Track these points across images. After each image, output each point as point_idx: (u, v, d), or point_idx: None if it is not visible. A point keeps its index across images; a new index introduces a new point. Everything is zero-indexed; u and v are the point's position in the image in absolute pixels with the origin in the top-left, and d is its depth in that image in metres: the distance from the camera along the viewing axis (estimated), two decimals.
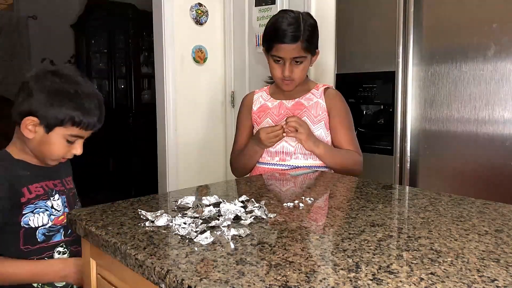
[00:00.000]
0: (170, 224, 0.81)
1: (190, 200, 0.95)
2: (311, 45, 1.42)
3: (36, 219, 1.03)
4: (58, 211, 1.07)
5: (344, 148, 1.47)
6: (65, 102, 1.01)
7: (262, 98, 1.57)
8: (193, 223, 0.81)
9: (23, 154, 1.08)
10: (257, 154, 1.49)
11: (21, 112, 1.02)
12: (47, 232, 1.06)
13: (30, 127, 1.02)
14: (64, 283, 1.06)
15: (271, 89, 1.59)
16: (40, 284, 1.04)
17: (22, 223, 1.02)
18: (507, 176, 1.54)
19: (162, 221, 0.82)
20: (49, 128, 1.02)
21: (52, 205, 1.07)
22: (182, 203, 0.95)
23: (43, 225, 1.04)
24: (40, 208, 1.04)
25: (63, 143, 1.04)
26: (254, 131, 1.55)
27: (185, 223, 0.81)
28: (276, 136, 1.38)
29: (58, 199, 1.09)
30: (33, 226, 1.03)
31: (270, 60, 1.46)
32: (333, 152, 1.44)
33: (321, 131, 1.47)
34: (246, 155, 1.51)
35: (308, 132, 1.38)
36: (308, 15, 1.46)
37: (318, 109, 1.47)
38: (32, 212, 1.03)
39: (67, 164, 1.23)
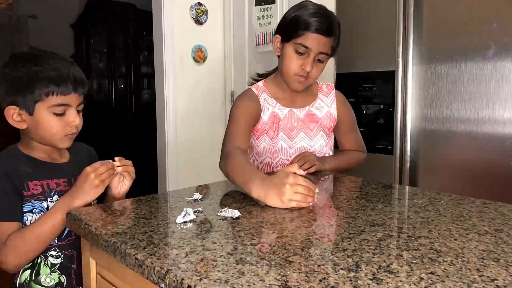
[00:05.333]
0: (170, 223, 0.82)
1: (190, 199, 0.96)
2: (338, 46, 1.32)
3: (34, 219, 1.01)
4: None
5: (351, 150, 1.50)
6: (30, 78, 1.00)
7: (268, 104, 1.38)
8: (192, 222, 0.81)
9: (31, 150, 1.08)
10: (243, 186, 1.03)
11: (3, 108, 1.03)
12: None
13: (16, 118, 1.02)
14: (56, 281, 1.05)
15: (271, 89, 1.40)
16: (27, 280, 1.03)
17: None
18: (507, 176, 1.54)
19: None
20: (30, 109, 1.01)
21: (47, 206, 1.04)
22: (182, 202, 0.95)
23: None
24: (37, 209, 1.03)
25: (53, 118, 1.03)
26: (256, 141, 1.42)
27: (185, 222, 0.81)
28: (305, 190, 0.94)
29: (56, 200, 1.05)
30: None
31: (290, 50, 1.27)
32: (339, 162, 1.43)
33: (322, 141, 1.44)
34: (239, 175, 1.08)
35: (317, 159, 1.35)
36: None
37: (330, 121, 1.44)
38: (31, 211, 1.02)
39: (89, 159, 1.19)
